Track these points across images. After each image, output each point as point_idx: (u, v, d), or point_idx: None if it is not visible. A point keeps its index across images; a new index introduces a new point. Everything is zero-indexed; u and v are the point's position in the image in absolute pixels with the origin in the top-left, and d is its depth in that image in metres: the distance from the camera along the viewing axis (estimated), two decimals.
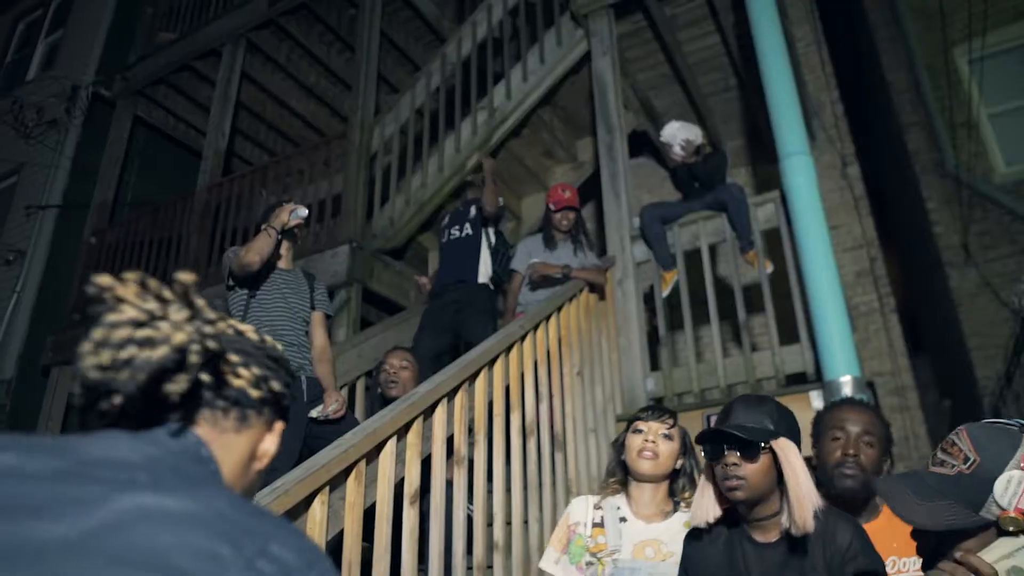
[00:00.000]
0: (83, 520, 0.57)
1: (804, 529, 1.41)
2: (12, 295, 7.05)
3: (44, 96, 7.99)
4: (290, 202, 3.09)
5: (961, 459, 1.09)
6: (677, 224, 3.85)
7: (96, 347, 0.64)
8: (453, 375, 2.16)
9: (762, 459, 1.46)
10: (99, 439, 0.65)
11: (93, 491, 0.59)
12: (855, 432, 1.79)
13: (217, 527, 0.61)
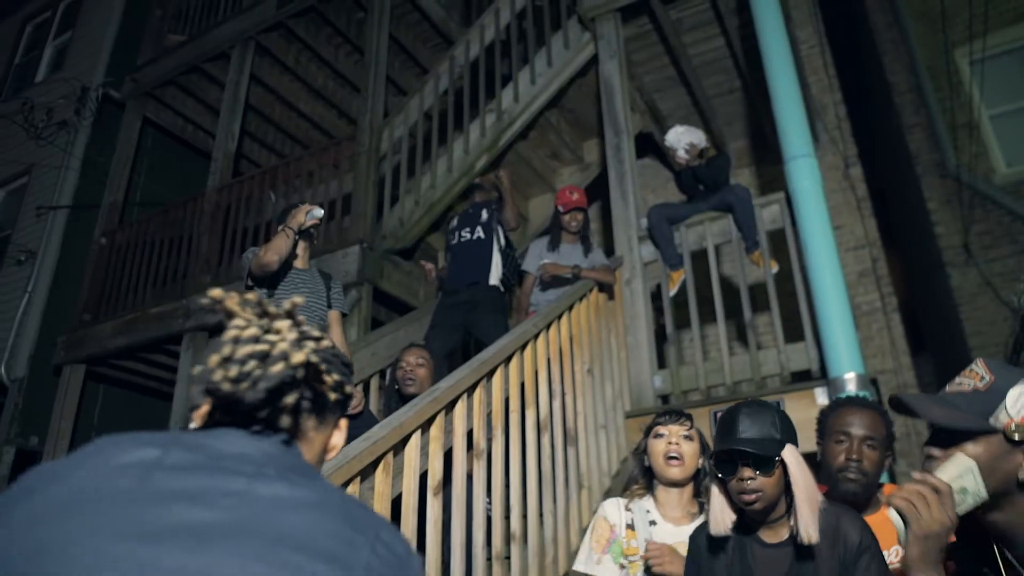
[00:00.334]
0: (235, 507, 0.66)
1: (808, 539, 1.47)
2: (23, 295, 7.13)
3: (53, 97, 8.08)
4: (306, 203, 3.16)
5: (977, 379, 1.17)
6: (684, 225, 3.92)
7: (224, 361, 0.74)
8: (472, 372, 2.24)
9: (776, 471, 1.53)
10: (221, 436, 0.75)
11: (236, 482, 0.69)
12: (859, 436, 1.84)
13: (343, 514, 0.71)
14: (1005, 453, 1.12)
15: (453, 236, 4.13)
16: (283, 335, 0.77)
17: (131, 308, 6.18)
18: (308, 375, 0.79)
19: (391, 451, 1.82)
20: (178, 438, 0.74)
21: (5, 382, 6.84)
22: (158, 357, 6.45)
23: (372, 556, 0.69)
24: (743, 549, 1.57)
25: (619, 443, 3.37)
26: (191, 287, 5.77)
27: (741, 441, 1.53)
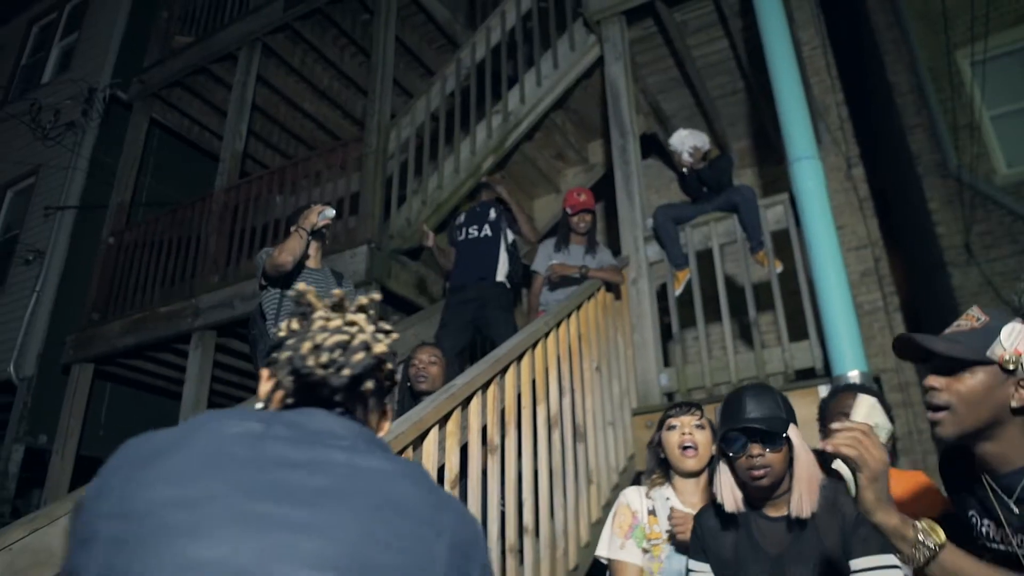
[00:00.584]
0: (342, 476, 0.77)
1: (800, 513, 1.57)
2: (32, 294, 7.19)
3: (60, 98, 8.14)
4: (317, 203, 3.21)
5: (974, 320, 1.29)
6: (689, 225, 3.98)
7: (315, 349, 0.84)
8: (486, 369, 2.30)
9: (783, 447, 1.61)
10: (310, 415, 0.84)
11: (338, 455, 0.79)
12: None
13: (427, 484, 0.82)
14: (1000, 383, 1.23)
15: (460, 232, 4.18)
16: (361, 327, 0.87)
17: (139, 307, 6.24)
18: (378, 364, 0.89)
19: (410, 446, 1.87)
20: (273, 415, 0.83)
21: (14, 381, 6.90)
22: (166, 356, 6.50)
23: (455, 519, 0.80)
24: (748, 524, 1.65)
25: (626, 439, 3.42)
26: (199, 287, 5.83)
27: (750, 420, 1.60)
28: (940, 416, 1.27)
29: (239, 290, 5.47)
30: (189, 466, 0.73)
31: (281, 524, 0.70)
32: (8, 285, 7.56)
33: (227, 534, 0.69)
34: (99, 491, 0.74)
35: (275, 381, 0.89)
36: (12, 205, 8.40)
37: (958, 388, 1.25)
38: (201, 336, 5.70)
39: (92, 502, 0.73)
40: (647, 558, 2.00)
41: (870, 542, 1.51)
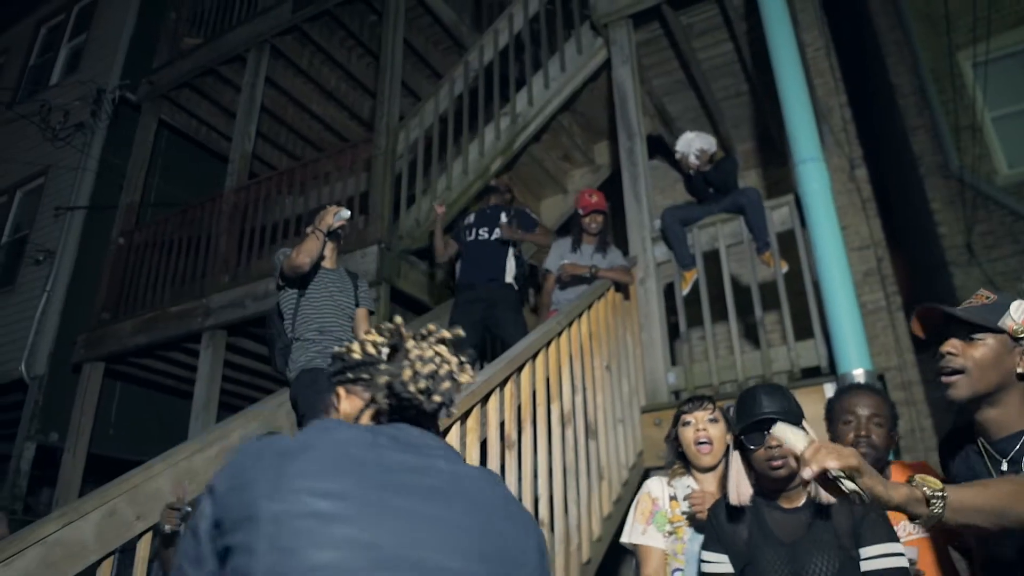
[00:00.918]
0: (448, 479, 0.92)
1: (827, 499, 1.63)
2: (43, 294, 7.26)
3: (69, 99, 8.20)
4: (332, 204, 3.27)
5: (983, 298, 1.48)
6: (696, 226, 4.05)
7: (414, 376, 0.98)
8: (503, 367, 2.36)
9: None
10: (404, 429, 0.98)
11: (438, 462, 0.94)
12: (865, 415, 1.99)
13: (504, 488, 0.98)
14: (1008, 351, 1.41)
15: (470, 233, 4.25)
16: (445, 358, 1.01)
17: (150, 307, 6.31)
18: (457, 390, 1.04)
19: None
20: (373, 428, 0.97)
21: (25, 379, 6.97)
22: (176, 355, 6.57)
23: (532, 521, 0.96)
24: (761, 516, 1.72)
25: (635, 436, 3.49)
26: (210, 286, 5.89)
27: (771, 412, 1.67)
28: (955, 379, 1.42)
29: (250, 290, 5.53)
30: (322, 464, 0.85)
31: (417, 516, 0.84)
32: (18, 285, 7.63)
33: (373, 521, 0.82)
34: (245, 479, 0.84)
35: (366, 400, 1.02)
36: (21, 205, 8.47)
37: (973, 353, 1.41)
38: (212, 335, 5.77)
39: (243, 487, 0.84)
40: (671, 540, 2.09)
41: (878, 531, 1.60)
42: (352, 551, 0.79)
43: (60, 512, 2.21)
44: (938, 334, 1.48)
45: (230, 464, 0.88)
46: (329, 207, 3.27)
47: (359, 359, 1.03)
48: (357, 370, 1.03)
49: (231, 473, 0.87)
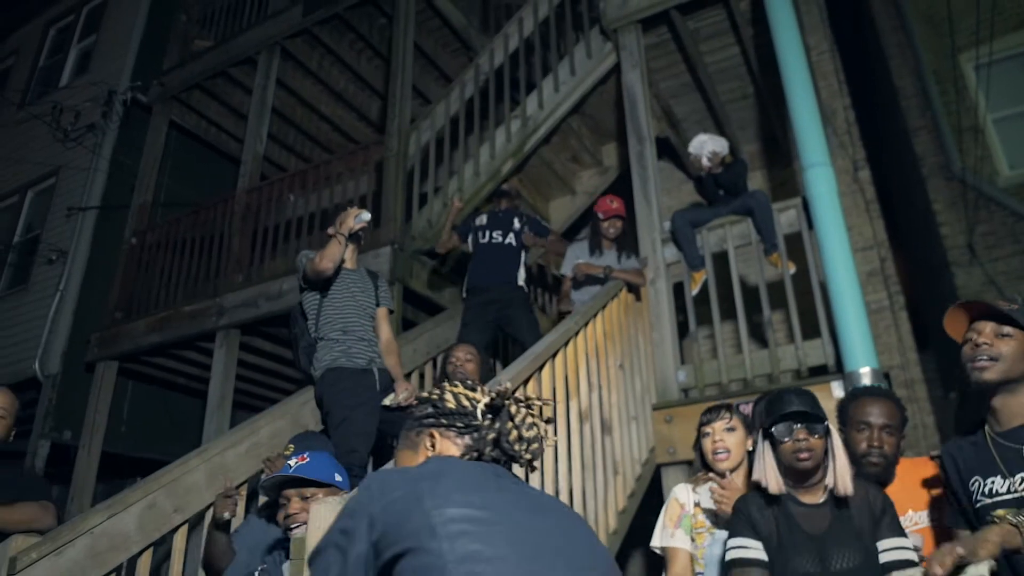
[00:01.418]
0: (550, 506, 1.13)
1: (846, 491, 1.80)
2: (56, 293, 7.35)
3: (79, 100, 8.29)
4: (354, 206, 3.34)
5: (1006, 305, 1.75)
6: (705, 228, 4.14)
7: (519, 439, 1.19)
8: (527, 365, 2.46)
9: (823, 436, 1.84)
10: (505, 472, 1.18)
11: (534, 491, 1.16)
12: (878, 424, 2.10)
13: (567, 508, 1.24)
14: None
15: (483, 235, 4.34)
16: (536, 422, 1.23)
17: (163, 306, 6.40)
18: None
19: None
20: (481, 463, 1.18)
21: (39, 378, 7.06)
22: (189, 354, 6.66)
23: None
24: (787, 509, 1.85)
25: (647, 433, 3.59)
26: (224, 286, 5.99)
27: (802, 408, 1.84)
28: (988, 364, 1.68)
29: (264, 289, 5.63)
30: (463, 484, 1.04)
31: (540, 525, 1.04)
32: (32, 284, 7.72)
33: (513, 526, 1.01)
34: (406, 498, 1.00)
35: (462, 445, 1.22)
36: (33, 205, 8.56)
37: (1003, 346, 1.68)
38: (226, 334, 5.86)
39: (407, 506, 0.99)
40: (692, 545, 2.20)
41: (893, 528, 1.78)
42: (510, 547, 0.99)
43: (106, 504, 2.30)
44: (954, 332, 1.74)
45: (378, 491, 1.04)
46: (350, 209, 3.32)
47: (453, 409, 1.24)
48: (452, 418, 1.23)
49: (387, 499, 1.01)
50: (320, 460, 1.96)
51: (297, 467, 1.92)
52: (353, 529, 1.00)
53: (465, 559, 0.93)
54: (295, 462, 1.94)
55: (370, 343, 3.24)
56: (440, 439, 1.22)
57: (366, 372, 3.14)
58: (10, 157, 8.76)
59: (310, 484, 1.92)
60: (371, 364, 3.19)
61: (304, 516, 1.88)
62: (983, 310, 1.77)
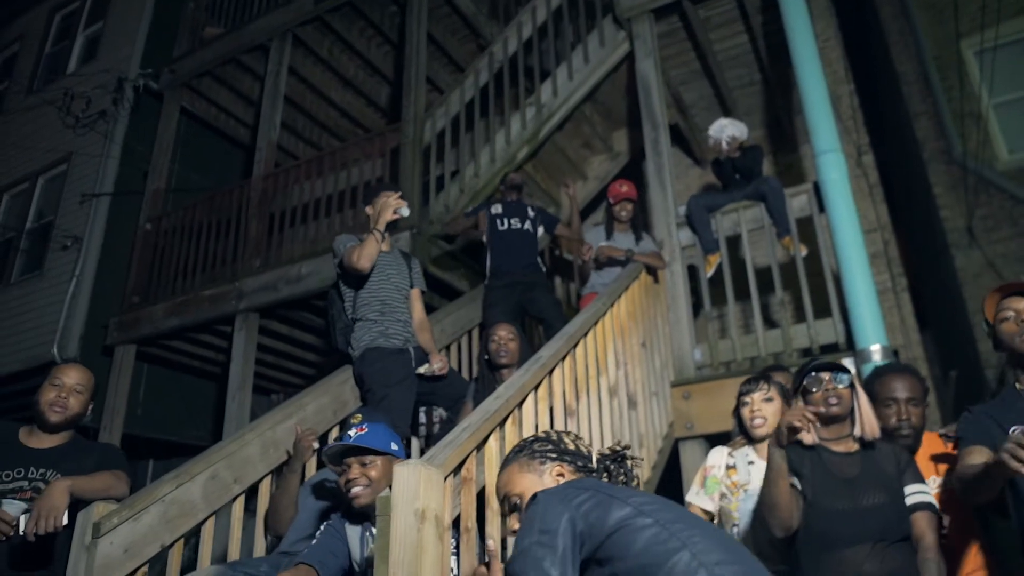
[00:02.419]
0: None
1: (874, 434, 2.05)
2: (71, 279, 7.45)
3: (88, 87, 8.35)
4: (392, 196, 3.40)
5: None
6: (720, 212, 4.29)
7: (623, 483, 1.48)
8: (563, 344, 2.61)
9: (848, 387, 2.07)
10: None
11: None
12: (903, 398, 2.27)
13: None
14: None
15: (502, 222, 4.49)
16: (635, 473, 1.59)
17: (181, 291, 6.52)
18: None
19: (516, 408, 2.19)
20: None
21: (58, 361, 7.18)
22: (206, 337, 6.79)
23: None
24: (820, 456, 2.07)
25: (667, 408, 3.76)
26: (242, 270, 6.11)
27: (829, 360, 2.12)
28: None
29: (283, 273, 5.76)
30: (622, 492, 1.31)
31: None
32: (46, 270, 7.82)
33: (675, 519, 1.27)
34: (602, 504, 1.28)
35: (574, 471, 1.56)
36: (44, 192, 8.63)
37: None
38: (245, 318, 5.99)
39: (603, 511, 1.26)
40: (726, 501, 2.39)
41: (915, 475, 2.02)
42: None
43: (174, 474, 2.45)
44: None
45: (561, 500, 1.30)
46: (388, 201, 3.33)
47: (572, 451, 1.59)
48: (573, 457, 1.58)
49: (576, 502, 1.29)
50: (377, 430, 2.11)
51: (357, 437, 2.07)
52: (554, 530, 1.23)
53: (671, 521, 1.22)
54: (355, 432, 2.09)
55: (405, 324, 3.38)
56: (568, 472, 1.53)
57: (403, 352, 3.29)
58: (20, 144, 8.82)
59: (369, 452, 2.07)
60: (407, 344, 3.33)
61: (364, 480, 2.04)
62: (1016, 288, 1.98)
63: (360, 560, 2.07)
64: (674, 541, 1.21)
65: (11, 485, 2.42)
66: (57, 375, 2.67)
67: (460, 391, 3.50)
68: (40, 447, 2.55)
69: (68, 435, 2.66)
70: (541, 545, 1.21)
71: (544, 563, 1.19)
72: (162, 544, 2.35)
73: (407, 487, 1.60)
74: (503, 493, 1.57)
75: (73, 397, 2.62)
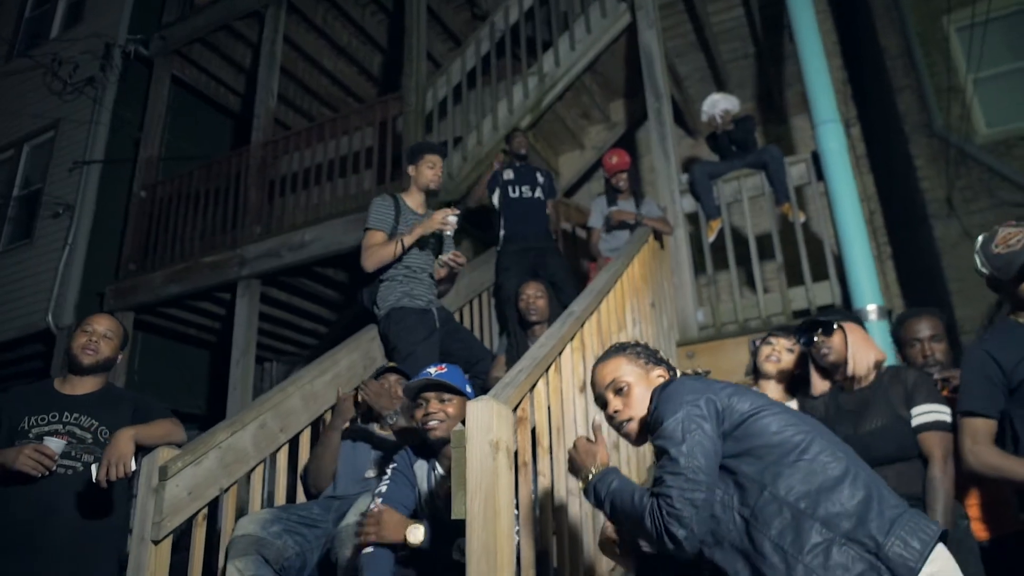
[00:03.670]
0: None
1: (857, 371, 2.21)
2: (64, 247, 7.42)
3: (73, 53, 8.22)
4: (440, 214, 3.36)
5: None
6: (721, 180, 4.46)
7: None
8: (592, 299, 2.77)
9: (838, 335, 2.25)
10: None
11: None
12: (926, 336, 2.45)
13: None
14: None
15: (513, 190, 4.62)
16: None
17: (180, 258, 6.55)
18: None
19: (558, 356, 2.35)
20: None
21: (53, 330, 7.18)
22: (204, 304, 6.84)
23: None
24: (834, 397, 2.30)
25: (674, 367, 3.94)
26: (244, 237, 6.16)
27: (809, 320, 2.33)
28: None
29: (286, 240, 5.82)
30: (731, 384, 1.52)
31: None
32: (36, 238, 7.76)
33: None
34: (718, 392, 1.46)
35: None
36: (30, 159, 8.52)
37: None
38: (248, 284, 6.05)
39: (726, 397, 1.45)
40: None
41: (929, 396, 2.13)
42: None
43: (228, 423, 2.58)
44: None
45: (704, 387, 1.47)
46: (435, 218, 3.34)
47: (667, 362, 1.75)
48: (668, 367, 1.72)
49: (714, 390, 1.47)
50: (455, 371, 2.27)
51: (438, 375, 2.22)
52: (702, 405, 1.41)
53: (799, 418, 1.44)
54: (435, 371, 2.24)
55: (430, 286, 3.51)
56: (668, 378, 1.65)
57: (427, 312, 3.42)
58: (5, 110, 8.68)
59: (447, 390, 2.23)
60: (430, 305, 3.47)
61: (441, 415, 2.19)
62: None
63: (425, 493, 2.23)
64: (804, 427, 1.41)
65: (46, 428, 2.52)
66: (88, 322, 2.77)
67: (478, 354, 3.65)
68: (73, 394, 2.65)
69: (100, 382, 2.74)
70: (698, 417, 1.39)
71: (704, 426, 1.38)
72: (220, 488, 2.48)
73: (481, 419, 1.75)
74: (610, 378, 1.66)
75: (104, 343, 2.71)
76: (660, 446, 1.41)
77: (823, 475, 1.33)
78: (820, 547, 1.27)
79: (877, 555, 1.24)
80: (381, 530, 2.07)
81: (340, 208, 5.78)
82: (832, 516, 1.29)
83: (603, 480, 1.52)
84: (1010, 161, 6.60)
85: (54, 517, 2.42)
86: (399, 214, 3.45)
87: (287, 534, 2.38)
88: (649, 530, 1.35)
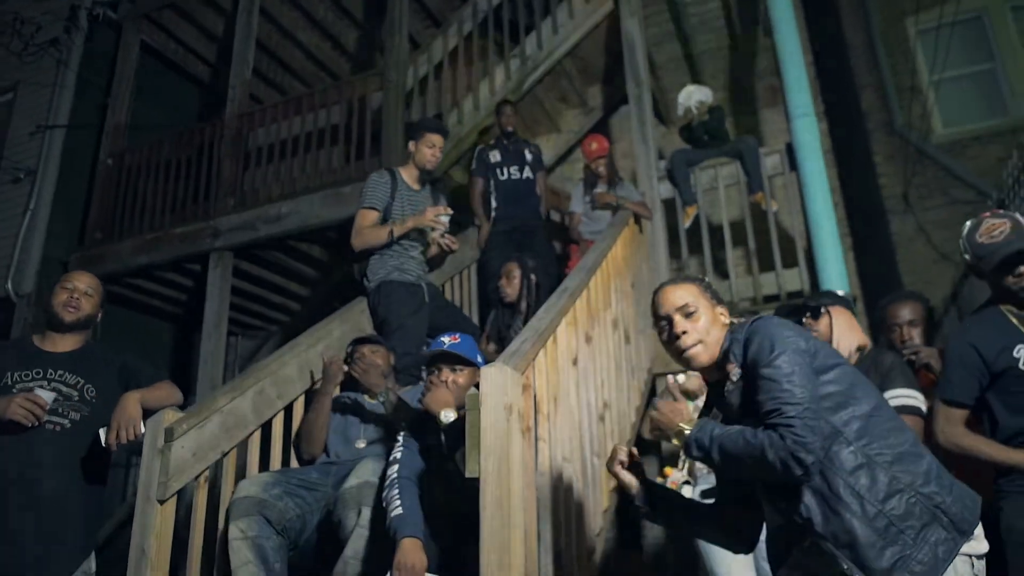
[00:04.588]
0: None
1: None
2: (25, 212, 7.21)
3: (34, 14, 7.95)
4: (432, 211, 3.45)
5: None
6: (698, 168, 4.61)
7: None
8: (583, 278, 2.88)
9: (824, 319, 2.40)
10: None
11: None
12: (904, 321, 2.60)
13: None
14: None
15: (502, 172, 4.69)
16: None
17: (150, 228, 6.46)
18: None
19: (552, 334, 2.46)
20: None
21: (12, 298, 7.00)
22: (174, 276, 6.75)
23: None
24: None
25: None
26: (217, 209, 6.10)
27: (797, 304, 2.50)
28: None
29: (262, 212, 5.80)
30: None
31: None
32: None
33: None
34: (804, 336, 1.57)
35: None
36: None
37: None
38: (220, 256, 6.01)
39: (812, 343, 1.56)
40: None
41: (902, 380, 2.28)
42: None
43: (229, 387, 2.62)
44: None
45: (793, 330, 1.56)
46: (427, 215, 3.41)
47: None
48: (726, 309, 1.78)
49: (805, 335, 1.58)
50: (468, 342, 2.36)
51: (451, 344, 2.31)
52: (803, 344, 1.51)
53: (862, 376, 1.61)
54: (449, 340, 2.32)
55: (420, 261, 3.58)
56: (727, 316, 1.73)
57: (416, 286, 3.49)
58: None
59: (459, 360, 2.32)
60: (420, 280, 3.54)
61: (453, 386, 2.29)
62: None
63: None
64: (872, 390, 1.56)
65: (31, 384, 2.51)
66: (68, 279, 2.80)
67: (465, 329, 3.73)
68: (55, 351, 2.64)
69: (81, 340, 2.74)
70: (800, 353, 1.50)
71: (803, 354, 1.51)
72: (222, 451, 2.53)
73: (496, 384, 1.85)
74: (682, 302, 1.69)
75: (85, 299, 2.73)
76: (769, 376, 1.48)
77: (893, 436, 1.48)
78: (894, 496, 1.41)
79: (945, 512, 1.40)
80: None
81: (318, 182, 5.77)
82: (902, 471, 1.43)
83: (703, 430, 1.57)
84: (964, 161, 6.93)
85: (39, 470, 2.41)
86: (395, 189, 3.50)
87: (288, 496, 2.45)
88: (772, 461, 1.40)
